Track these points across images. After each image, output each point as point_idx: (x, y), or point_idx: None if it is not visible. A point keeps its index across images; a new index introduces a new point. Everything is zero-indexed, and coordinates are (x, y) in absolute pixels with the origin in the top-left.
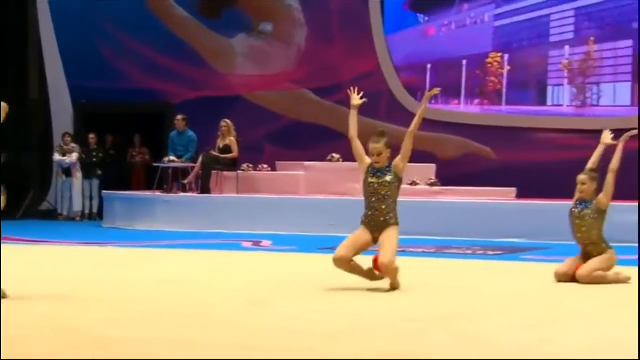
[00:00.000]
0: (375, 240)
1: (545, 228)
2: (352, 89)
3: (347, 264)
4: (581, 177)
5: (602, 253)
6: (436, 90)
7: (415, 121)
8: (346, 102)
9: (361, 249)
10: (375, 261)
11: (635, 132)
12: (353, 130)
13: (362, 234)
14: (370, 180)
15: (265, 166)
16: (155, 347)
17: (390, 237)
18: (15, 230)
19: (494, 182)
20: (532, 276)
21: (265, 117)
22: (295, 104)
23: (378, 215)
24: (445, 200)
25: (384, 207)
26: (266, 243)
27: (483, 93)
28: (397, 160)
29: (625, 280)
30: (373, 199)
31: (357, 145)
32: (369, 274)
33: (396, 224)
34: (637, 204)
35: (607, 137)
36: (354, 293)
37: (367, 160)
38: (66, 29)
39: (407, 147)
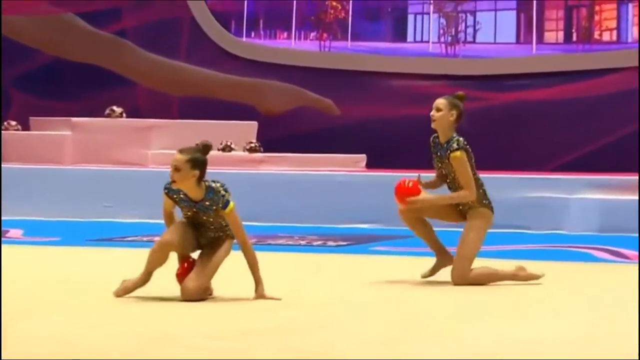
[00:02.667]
0: (201, 247)
1: None
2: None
3: (168, 252)
4: (439, 100)
5: (475, 215)
6: None
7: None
8: (130, 33)
9: (190, 247)
10: (179, 275)
11: None
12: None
13: (186, 224)
14: (185, 211)
15: (14, 123)
16: None
17: (216, 255)
18: None
19: (336, 147)
20: (385, 274)
21: (13, 53)
22: (57, 34)
23: (206, 230)
24: (269, 172)
25: (212, 227)
26: (15, 233)
27: (322, 24)
28: (231, 222)
29: (528, 278)
30: (196, 221)
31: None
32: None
33: (231, 237)
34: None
35: None
36: (142, 301)
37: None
38: None
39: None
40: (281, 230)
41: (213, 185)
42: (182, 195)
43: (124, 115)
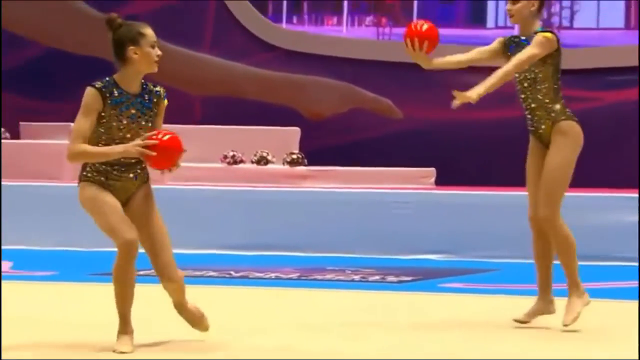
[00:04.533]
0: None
1: (483, 236)
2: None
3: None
4: None
5: (560, 131)
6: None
7: None
8: (143, 19)
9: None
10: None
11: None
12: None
13: (113, 199)
14: (118, 119)
15: (1, 130)
16: None
17: (159, 221)
18: None
19: (398, 159)
20: (459, 318)
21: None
22: (53, 20)
23: (127, 170)
24: (316, 190)
25: (134, 158)
26: (3, 265)
27: (380, 6)
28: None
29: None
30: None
31: None
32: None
33: (147, 179)
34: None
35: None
36: (153, 348)
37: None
38: None
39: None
40: (330, 262)
41: None
42: (116, 94)
43: None
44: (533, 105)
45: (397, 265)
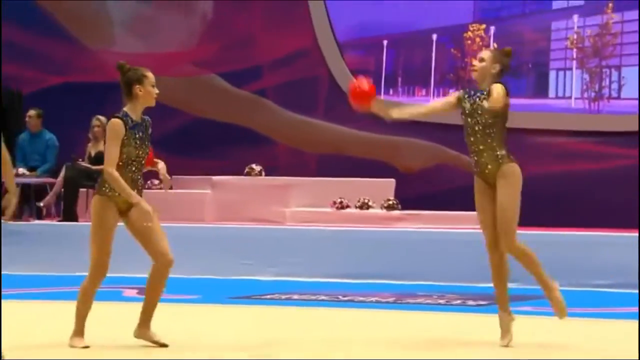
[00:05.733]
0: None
1: (550, 267)
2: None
3: None
4: (484, 51)
5: (504, 174)
6: None
7: None
8: (270, 92)
9: None
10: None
11: None
12: None
13: (113, 230)
14: (134, 142)
15: (156, 182)
16: None
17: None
18: None
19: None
20: (530, 337)
21: (156, 113)
22: (198, 94)
23: (138, 189)
24: (408, 230)
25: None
26: None
27: (461, 81)
28: None
29: (555, 302)
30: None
31: None
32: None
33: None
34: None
35: None
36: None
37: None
38: None
39: None
40: (420, 288)
41: None
42: (130, 122)
43: (263, 172)
44: (481, 147)
45: (477, 292)
